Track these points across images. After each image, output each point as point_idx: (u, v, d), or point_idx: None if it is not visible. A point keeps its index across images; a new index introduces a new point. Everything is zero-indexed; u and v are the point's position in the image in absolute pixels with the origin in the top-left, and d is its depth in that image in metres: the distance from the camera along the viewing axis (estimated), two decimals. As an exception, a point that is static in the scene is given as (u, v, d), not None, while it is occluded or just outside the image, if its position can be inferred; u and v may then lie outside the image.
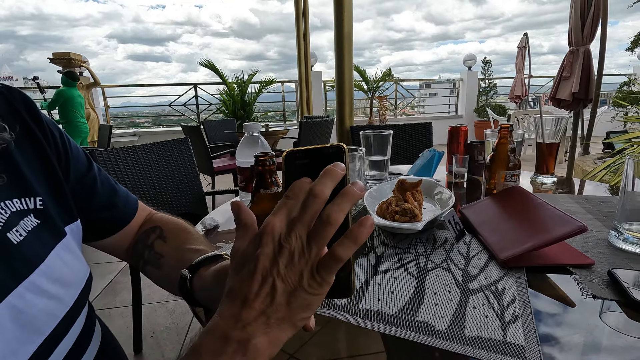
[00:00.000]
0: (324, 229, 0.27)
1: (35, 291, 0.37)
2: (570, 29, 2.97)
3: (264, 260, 0.28)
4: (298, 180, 0.31)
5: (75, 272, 0.43)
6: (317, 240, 0.28)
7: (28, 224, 0.39)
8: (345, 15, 2.21)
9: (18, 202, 0.39)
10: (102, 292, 1.99)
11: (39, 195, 0.41)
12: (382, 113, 7.35)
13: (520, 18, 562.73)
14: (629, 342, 0.42)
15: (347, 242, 0.27)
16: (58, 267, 0.40)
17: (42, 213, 0.41)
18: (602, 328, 0.44)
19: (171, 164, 1.50)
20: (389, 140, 1.15)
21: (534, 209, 0.70)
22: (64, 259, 0.41)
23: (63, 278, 0.41)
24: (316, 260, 0.28)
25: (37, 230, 0.39)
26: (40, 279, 0.37)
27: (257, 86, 6.59)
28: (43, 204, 0.41)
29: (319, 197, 0.28)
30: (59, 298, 0.40)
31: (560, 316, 0.47)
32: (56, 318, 0.39)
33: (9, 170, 0.39)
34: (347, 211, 0.28)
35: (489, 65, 8.18)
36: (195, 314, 0.52)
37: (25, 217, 0.39)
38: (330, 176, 0.29)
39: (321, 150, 0.32)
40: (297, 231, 0.28)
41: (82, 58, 5.29)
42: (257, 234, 0.29)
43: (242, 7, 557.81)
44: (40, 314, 0.37)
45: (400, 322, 0.46)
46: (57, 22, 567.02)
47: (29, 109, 0.44)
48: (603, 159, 2.93)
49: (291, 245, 0.28)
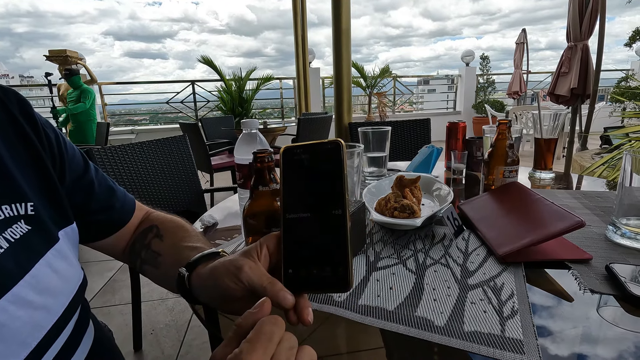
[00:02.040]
0: None
1: (19, 303, 0.35)
2: (569, 25, 2.97)
3: None
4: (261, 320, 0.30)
5: (67, 280, 0.42)
6: None
7: (17, 231, 0.38)
8: (343, 11, 2.20)
9: (7, 209, 0.38)
10: (101, 290, 1.99)
11: (30, 200, 0.40)
12: (381, 110, 7.34)
13: (517, 14, 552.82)
14: (626, 336, 0.42)
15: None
16: (46, 277, 0.39)
17: (33, 219, 0.40)
18: (599, 322, 0.44)
19: (169, 161, 1.49)
20: (388, 137, 1.15)
21: (532, 204, 0.70)
22: (54, 266, 0.40)
23: (52, 287, 0.39)
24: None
25: (25, 237, 0.38)
26: (25, 290, 0.36)
27: (254, 83, 6.57)
28: (34, 209, 0.40)
29: (274, 333, 0.27)
30: (47, 308, 0.39)
31: (558, 311, 0.47)
32: (43, 329, 0.38)
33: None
34: None
35: (487, 61, 8.18)
36: (194, 311, 0.52)
37: (15, 224, 0.38)
38: (262, 312, 0.29)
39: (319, 145, 0.32)
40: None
41: (78, 55, 5.25)
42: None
43: (239, 4, 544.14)
44: (25, 327, 0.36)
45: (399, 317, 0.47)
46: (53, 19, 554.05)
47: (24, 111, 0.43)
48: (601, 155, 2.94)
49: None
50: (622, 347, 0.40)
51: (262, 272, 0.34)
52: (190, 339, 1.56)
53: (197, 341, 1.55)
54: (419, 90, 9.30)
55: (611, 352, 0.40)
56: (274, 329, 0.28)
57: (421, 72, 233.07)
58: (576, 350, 0.40)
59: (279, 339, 0.28)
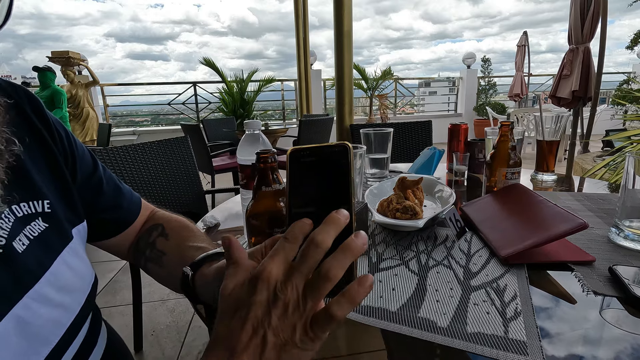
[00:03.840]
0: (322, 284, 0.26)
1: (40, 300, 0.36)
2: (570, 27, 2.97)
3: (257, 309, 0.26)
4: (299, 221, 0.29)
5: (82, 277, 0.43)
6: (313, 294, 0.26)
7: (35, 229, 0.38)
8: (345, 12, 2.21)
9: (25, 206, 0.38)
10: (103, 290, 1.99)
11: (47, 198, 0.40)
12: (383, 112, 7.34)
13: (518, 17, 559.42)
14: (629, 338, 0.42)
15: (343, 302, 0.26)
16: (64, 274, 0.39)
17: (49, 216, 0.40)
18: (602, 324, 0.44)
19: (171, 162, 1.50)
20: (390, 138, 1.15)
21: (534, 206, 0.70)
22: (70, 264, 0.41)
23: (69, 285, 0.40)
24: (310, 314, 0.27)
25: (43, 235, 0.38)
26: (46, 288, 0.36)
27: (256, 85, 6.58)
28: (51, 206, 0.40)
29: (320, 247, 0.27)
30: (65, 306, 0.39)
31: (562, 312, 0.47)
32: (63, 326, 0.38)
33: (16, 174, 0.38)
34: (347, 267, 0.27)
35: (489, 64, 8.18)
36: (196, 311, 0.52)
37: (33, 221, 0.38)
38: (333, 224, 0.27)
39: (326, 148, 0.32)
40: (294, 281, 0.27)
41: (80, 56, 5.27)
42: (252, 278, 0.28)
43: (241, 6, 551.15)
44: (47, 324, 0.36)
45: (402, 318, 0.46)
46: (55, 21, 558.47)
47: (36, 109, 0.43)
48: (602, 157, 2.94)
49: (286, 296, 0.26)
50: (625, 349, 0.40)
51: None
52: (191, 340, 1.56)
53: (198, 342, 1.55)
54: (420, 92, 9.31)
55: (614, 354, 0.39)
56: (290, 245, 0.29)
57: (422, 75, 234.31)
58: (579, 352, 0.40)
59: None
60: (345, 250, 0.27)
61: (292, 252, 0.28)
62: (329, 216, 0.28)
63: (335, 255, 0.27)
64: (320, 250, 0.27)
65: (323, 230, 0.27)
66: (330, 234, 0.27)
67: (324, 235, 0.27)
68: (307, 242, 0.27)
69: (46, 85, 3.90)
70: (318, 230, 0.27)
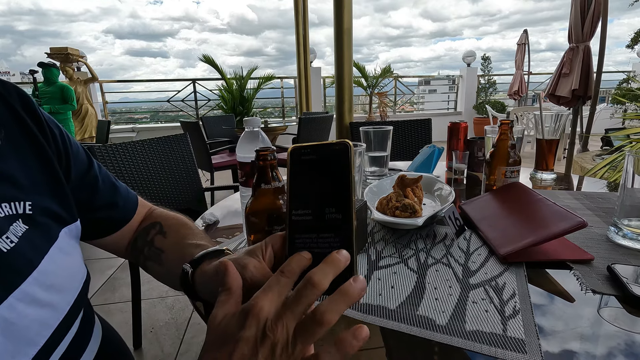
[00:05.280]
0: (315, 328, 0.25)
1: (26, 300, 0.35)
2: (570, 26, 2.97)
3: (243, 346, 0.25)
4: (297, 254, 0.29)
5: (71, 276, 0.42)
6: (304, 337, 0.26)
7: (17, 230, 0.37)
8: (345, 10, 2.20)
9: (7, 207, 0.37)
10: (101, 288, 1.99)
11: (29, 199, 0.39)
12: (382, 110, 7.34)
13: (517, 15, 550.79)
14: (627, 336, 0.42)
15: (333, 352, 0.26)
16: (52, 273, 0.39)
17: (30, 219, 0.39)
18: (600, 323, 0.44)
19: (170, 159, 1.49)
20: (389, 136, 1.15)
21: (533, 204, 0.70)
22: (59, 262, 0.40)
23: (58, 284, 0.39)
24: (299, 358, 0.26)
25: (27, 235, 0.38)
26: (33, 287, 0.36)
27: (255, 82, 6.57)
28: (32, 208, 0.39)
29: (316, 288, 0.26)
30: (53, 305, 0.38)
31: (560, 311, 0.47)
32: (50, 327, 0.38)
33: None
34: (343, 312, 0.26)
35: (489, 62, 8.17)
36: (195, 308, 0.52)
37: (14, 222, 0.37)
38: (333, 266, 0.27)
39: (327, 146, 0.32)
40: (286, 321, 0.26)
41: (79, 53, 5.25)
42: (242, 311, 0.27)
43: (240, 3, 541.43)
44: (33, 324, 0.36)
45: (401, 316, 0.47)
46: (54, 17, 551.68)
47: (26, 106, 0.43)
48: (602, 156, 2.94)
49: (275, 337, 0.25)
50: (623, 348, 0.40)
51: (266, 271, 0.34)
52: (190, 337, 1.57)
53: (197, 339, 1.55)
54: (420, 90, 9.31)
55: (612, 352, 0.40)
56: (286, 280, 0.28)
57: (422, 73, 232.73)
58: (577, 349, 0.40)
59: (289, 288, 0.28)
60: (343, 295, 0.26)
61: (287, 287, 0.27)
62: (329, 256, 0.28)
63: (332, 299, 0.26)
64: (317, 292, 0.26)
65: (321, 271, 0.27)
66: (328, 276, 0.27)
67: (322, 277, 0.26)
68: (304, 281, 0.26)
69: (51, 81, 3.90)
70: (316, 270, 0.27)
